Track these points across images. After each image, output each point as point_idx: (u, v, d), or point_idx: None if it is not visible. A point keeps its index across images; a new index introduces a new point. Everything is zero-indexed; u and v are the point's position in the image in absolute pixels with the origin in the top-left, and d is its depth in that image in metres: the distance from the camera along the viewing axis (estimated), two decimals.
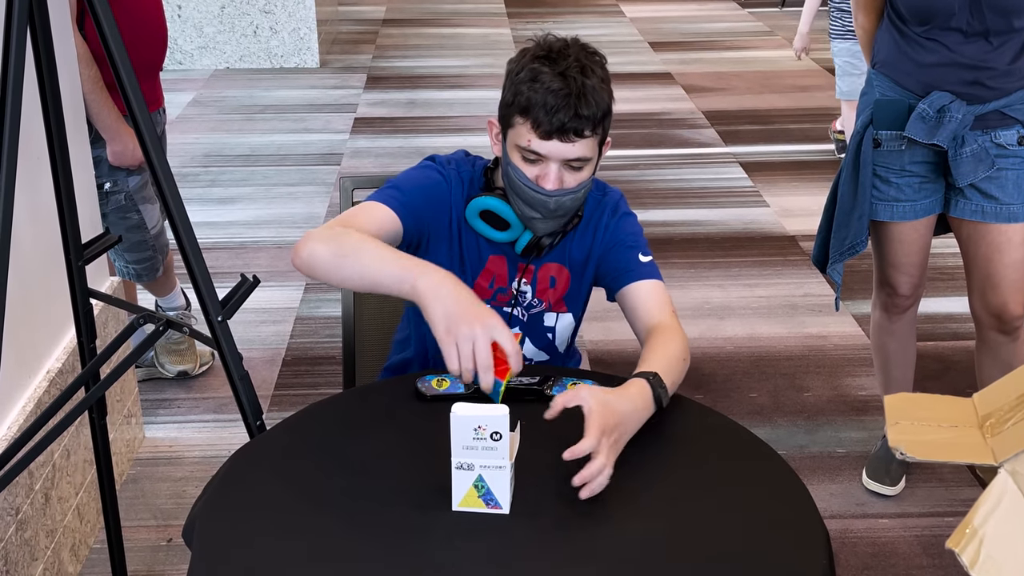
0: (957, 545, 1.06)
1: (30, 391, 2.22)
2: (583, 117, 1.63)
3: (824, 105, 6.03)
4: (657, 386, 1.54)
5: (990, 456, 1.11)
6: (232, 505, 1.43)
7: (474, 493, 1.39)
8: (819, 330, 3.52)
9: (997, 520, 1.05)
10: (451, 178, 1.80)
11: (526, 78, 1.66)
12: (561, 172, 1.68)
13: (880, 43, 2.40)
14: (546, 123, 1.63)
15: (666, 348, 1.64)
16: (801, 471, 2.73)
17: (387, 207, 1.72)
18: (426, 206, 1.77)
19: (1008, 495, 1.06)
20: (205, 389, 3.20)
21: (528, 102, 1.64)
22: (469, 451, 1.36)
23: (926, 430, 1.21)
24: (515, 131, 1.69)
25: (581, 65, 1.65)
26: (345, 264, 1.57)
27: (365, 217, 1.70)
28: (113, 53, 1.65)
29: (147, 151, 1.70)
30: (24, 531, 2.13)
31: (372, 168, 5.08)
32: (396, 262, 1.54)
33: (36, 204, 2.21)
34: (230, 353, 1.78)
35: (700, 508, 1.43)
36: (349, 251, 1.57)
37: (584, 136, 1.66)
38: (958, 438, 1.18)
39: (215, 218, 4.43)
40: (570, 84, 1.63)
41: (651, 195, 4.70)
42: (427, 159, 1.85)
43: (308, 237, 1.61)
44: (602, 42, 8.32)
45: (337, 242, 1.59)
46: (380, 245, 1.59)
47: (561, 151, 1.66)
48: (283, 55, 6.84)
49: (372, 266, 1.55)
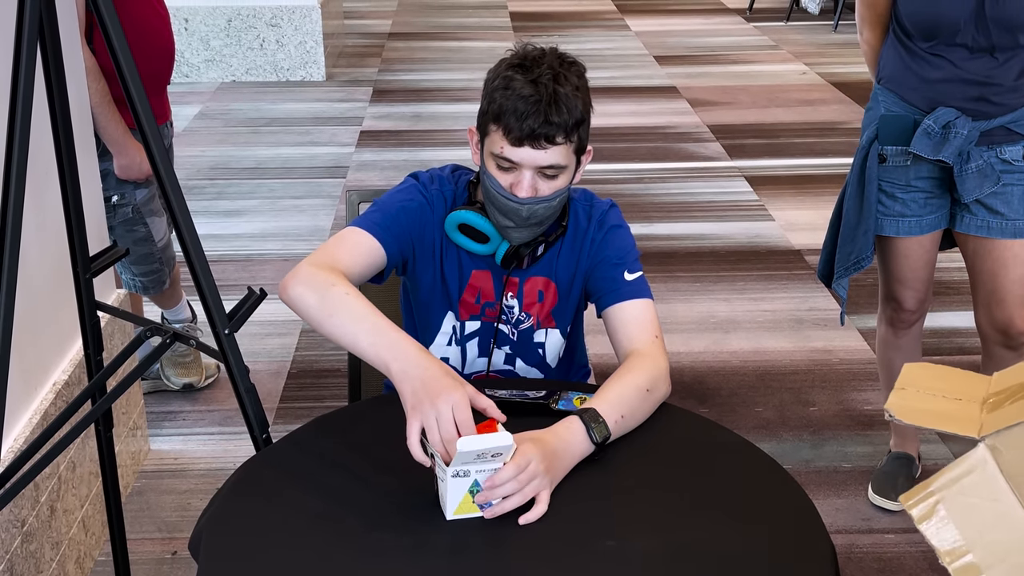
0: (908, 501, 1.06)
1: (36, 403, 2.23)
2: (553, 123, 1.64)
3: (829, 119, 6.04)
4: (591, 422, 1.52)
5: (976, 430, 1.10)
6: (238, 518, 1.43)
7: (469, 499, 1.41)
8: (825, 344, 3.52)
9: (964, 487, 1.04)
10: (433, 198, 1.81)
11: (499, 86, 1.67)
12: (535, 180, 1.68)
13: (885, 59, 2.40)
14: (516, 129, 1.64)
15: (623, 381, 1.62)
16: (807, 486, 2.72)
17: (371, 235, 1.73)
18: (409, 229, 1.78)
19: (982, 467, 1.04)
20: (210, 401, 3.20)
21: (500, 109, 1.65)
22: (466, 464, 1.38)
23: (926, 399, 1.20)
24: (490, 139, 1.70)
25: (554, 73, 1.66)
26: (328, 323, 1.58)
27: (349, 248, 1.71)
28: (122, 67, 1.66)
29: (155, 164, 1.71)
30: (30, 543, 2.13)
31: (377, 181, 5.09)
32: (374, 335, 1.53)
33: (44, 217, 2.22)
34: (236, 366, 1.79)
35: (705, 523, 1.43)
36: (333, 310, 1.58)
37: (556, 143, 1.66)
38: (954, 410, 1.17)
39: (221, 230, 4.44)
40: (541, 91, 1.63)
41: (656, 209, 4.71)
42: (410, 176, 1.85)
43: (296, 278, 1.62)
44: (607, 56, 8.27)
45: (322, 295, 1.59)
46: (362, 307, 1.57)
47: (533, 158, 1.66)
48: (289, 68, 6.86)
49: (352, 334, 1.55)
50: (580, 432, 1.51)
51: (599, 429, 1.52)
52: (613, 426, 1.54)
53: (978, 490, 1.03)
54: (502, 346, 1.87)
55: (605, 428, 1.53)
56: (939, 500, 1.03)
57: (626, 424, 1.58)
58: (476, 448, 1.37)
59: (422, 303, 1.86)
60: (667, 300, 3.81)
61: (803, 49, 7.75)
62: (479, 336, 1.87)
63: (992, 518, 1.02)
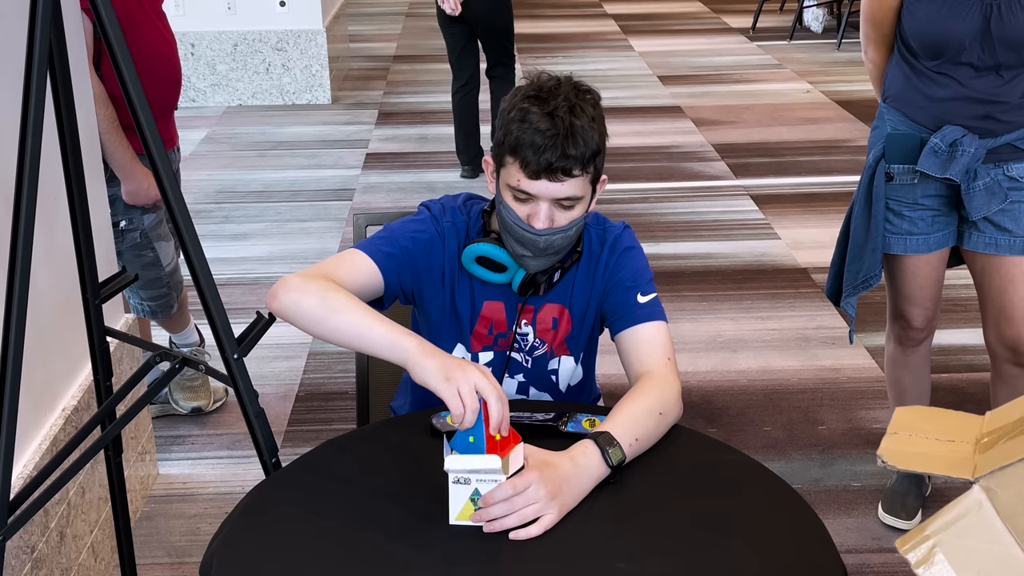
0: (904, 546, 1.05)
1: (46, 429, 2.23)
2: (571, 157, 1.63)
3: (833, 137, 6.04)
4: (606, 446, 1.52)
5: (970, 471, 1.09)
6: (249, 542, 1.43)
7: (470, 507, 1.42)
8: (833, 363, 3.52)
9: (960, 530, 1.03)
10: (445, 231, 1.81)
11: (516, 118, 1.66)
12: (551, 211, 1.68)
13: (891, 77, 2.41)
14: (534, 163, 1.63)
15: (635, 403, 1.62)
16: (816, 505, 2.71)
17: (371, 260, 1.73)
18: (416, 260, 1.78)
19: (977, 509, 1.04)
20: (219, 425, 3.20)
21: (517, 142, 1.65)
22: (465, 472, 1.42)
23: (919, 442, 1.19)
24: (506, 170, 1.69)
25: (571, 105, 1.65)
26: (332, 319, 1.58)
27: (347, 268, 1.71)
28: (130, 93, 1.67)
29: (164, 189, 1.72)
30: (39, 570, 2.12)
31: (384, 203, 5.10)
32: (385, 324, 1.55)
33: (53, 243, 2.23)
34: (246, 391, 1.79)
35: (715, 543, 1.42)
36: (337, 307, 1.58)
37: (573, 175, 1.65)
38: (946, 452, 1.16)
39: (228, 254, 4.45)
40: (558, 124, 1.63)
41: (662, 228, 4.71)
42: (422, 206, 1.85)
43: (288, 286, 1.62)
44: (611, 76, 8.27)
45: (321, 296, 1.60)
46: (366, 307, 1.60)
47: (550, 190, 1.66)
48: (295, 92, 6.89)
49: (361, 324, 1.56)
50: (595, 456, 1.51)
51: (615, 452, 1.52)
52: (627, 449, 1.54)
53: (975, 533, 1.02)
54: (515, 374, 1.87)
55: (620, 451, 1.53)
56: (936, 544, 1.03)
57: (640, 447, 1.58)
58: (463, 467, 1.39)
59: (433, 334, 1.86)
60: (674, 319, 3.80)
61: (807, 67, 7.77)
62: (492, 366, 1.86)
63: (991, 560, 1.01)
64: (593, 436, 1.53)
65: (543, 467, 1.45)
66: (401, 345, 1.51)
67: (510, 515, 1.41)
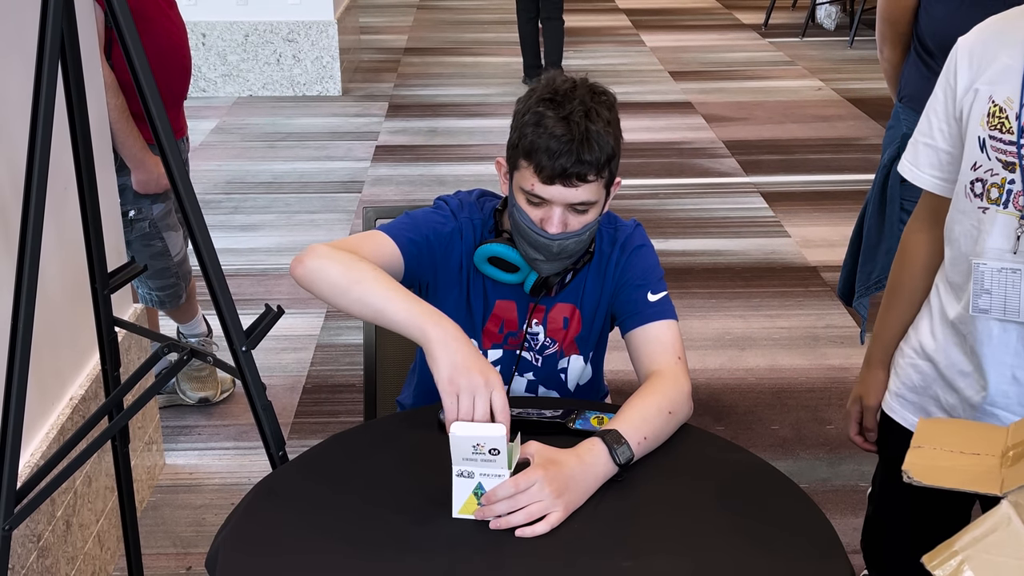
0: (932, 562, 1.04)
1: (53, 418, 2.23)
2: (586, 162, 1.62)
3: (845, 135, 6.02)
4: (613, 444, 1.51)
5: (997, 486, 1.09)
6: (255, 535, 1.42)
7: (473, 501, 1.42)
8: (841, 362, 3.50)
9: (988, 546, 1.02)
10: (463, 226, 1.80)
11: (530, 121, 1.64)
12: (565, 215, 1.67)
13: (907, 77, 2.40)
14: (548, 168, 1.62)
15: (644, 401, 1.60)
16: (824, 505, 2.70)
17: (394, 243, 1.73)
18: (436, 251, 1.77)
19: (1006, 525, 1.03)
20: (226, 416, 3.20)
21: (531, 146, 1.63)
22: (469, 462, 1.40)
23: (944, 456, 1.19)
24: (520, 173, 1.68)
25: (586, 109, 1.63)
26: (355, 289, 1.58)
27: (372, 247, 1.70)
28: (141, 82, 1.66)
29: (174, 179, 1.71)
30: (45, 558, 2.13)
31: (393, 196, 5.10)
32: (410, 301, 1.55)
33: (62, 233, 2.23)
34: (253, 383, 1.79)
35: (722, 543, 1.42)
36: (361, 277, 1.58)
37: (588, 181, 1.64)
38: (973, 466, 1.16)
39: (237, 245, 4.45)
40: (573, 129, 1.61)
41: (672, 224, 4.70)
42: (439, 200, 1.84)
43: (315, 252, 1.62)
44: (622, 71, 8.26)
45: (347, 265, 1.59)
46: (392, 280, 1.60)
47: (564, 195, 1.65)
48: (306, 83, 6.89)
49: (384, 297, 1.56)
50: (603, 454, 1.50)
51: (622, 451, 1.51)
52: (636, 447, 1.53)
53: (1003, 548, 1.02)
54: (524, 373, 1.87)
55: (628, 450, 1.52)
56: (964, 560, 1.02)
57: (648, 446, 1.57)
58: (469, 434, 1.38)
59: None
60: (682, 317, 3.76)
61: (819, 65, 7.74)
62: (501, 364, 1.86)
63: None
64: (601, 434, 1.52)
65: (549, 465, 1.45)
66: (423, 330, 1.51)
67: (516, 512, 1.40)
